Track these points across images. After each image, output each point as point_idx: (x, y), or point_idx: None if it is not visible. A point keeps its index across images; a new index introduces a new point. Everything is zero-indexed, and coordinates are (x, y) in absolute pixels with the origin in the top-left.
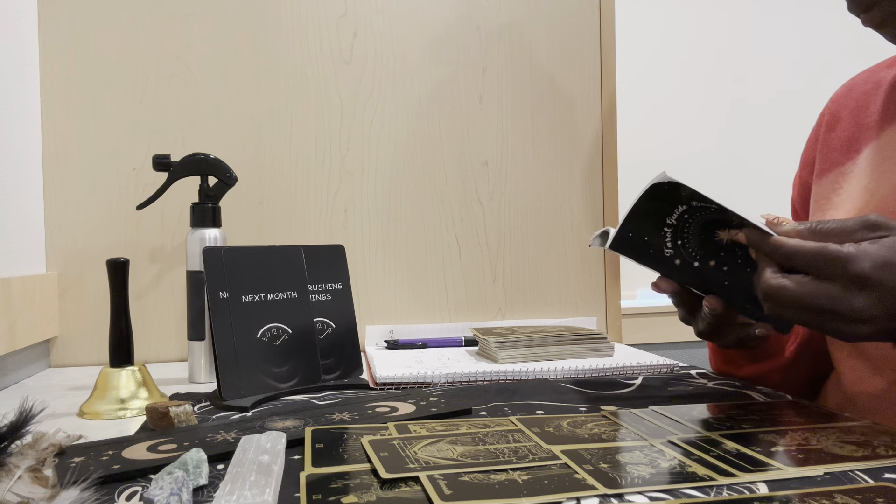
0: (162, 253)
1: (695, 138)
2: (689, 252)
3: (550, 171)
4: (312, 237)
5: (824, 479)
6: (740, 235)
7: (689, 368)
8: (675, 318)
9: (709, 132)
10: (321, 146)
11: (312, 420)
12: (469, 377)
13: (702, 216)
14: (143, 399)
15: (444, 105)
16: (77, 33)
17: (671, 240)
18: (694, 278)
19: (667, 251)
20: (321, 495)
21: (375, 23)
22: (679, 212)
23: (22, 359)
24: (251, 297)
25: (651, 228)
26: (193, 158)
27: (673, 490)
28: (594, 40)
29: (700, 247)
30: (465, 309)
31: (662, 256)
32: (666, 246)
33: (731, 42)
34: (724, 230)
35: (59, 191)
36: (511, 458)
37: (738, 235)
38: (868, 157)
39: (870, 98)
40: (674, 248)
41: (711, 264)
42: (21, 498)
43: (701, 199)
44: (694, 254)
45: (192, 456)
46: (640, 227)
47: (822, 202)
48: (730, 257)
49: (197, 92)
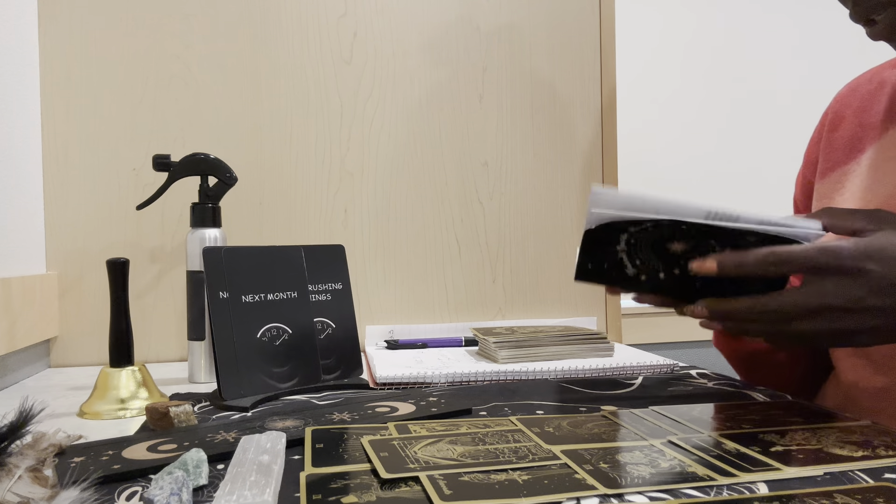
0: (162, 253)
1: (695, 139)
2: (651, 267)
3: (550, 171)
4: (312, 237)
5: (824, 479)
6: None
7: (689, 368)
8: (676, 318)
9: (709, 132)
10: (321, 146)
11: (312, 420)
12: (469, 377)
13: (645, 235)
14: (143, 399)
15: (444, 105)
16: (77, 33)
17: (629, 261)
18: (666, 288)
19: (629, 271)
20: (321, 495)
21: (375, 23)
22: (624, 238)
23: (22, 359)
24: (251, 297)
25: (606, 256)
26: (193, 158)
27: (673, 490)
28: (594, 40)
29: (658, 259)
30: (465, 309)
31: (627, 277)
32: (626, 267)
33: (731, 42)
34: (672, 243)
35: (59, 191)
36: (511, 458)
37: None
38: (871, 157)
39: (873, 98)
40: (634, 267)
41: (676, 272)
42: (21, 498)
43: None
44: (655, 267)
45: (192, 456)
46: (595, 257)
47: (824, 201)
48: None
49: (197, 92)
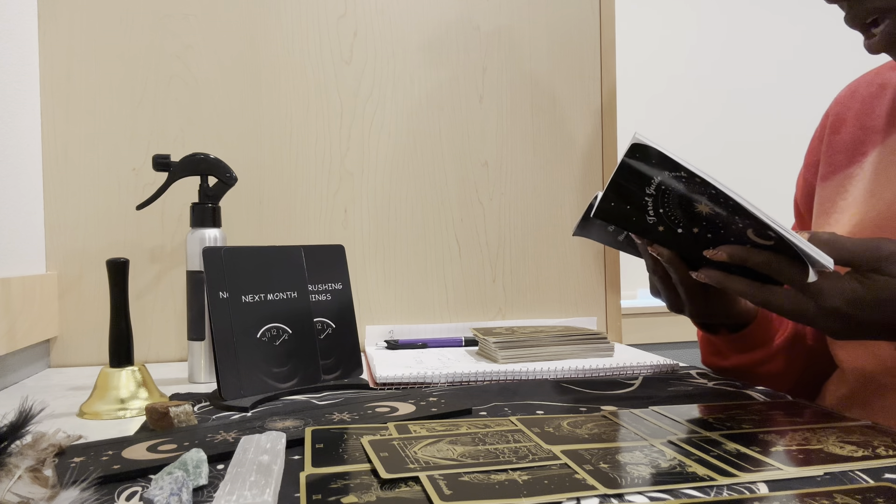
0: (162, 253)
1: (694, 138)
2: (672, 220)
3: (550, 171)
4: (312, 237)
5: (824, 479)
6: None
7: (689, 368)
8: (676, 317)
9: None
10: (321, 146)
11: (312, 420)
12: (469, 377)
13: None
14: (143, 399)
15: (444, 105)
16: (77, 33)
17: (653, 207)
18: (678, 245)
19: (649, 219)
20: (321, 495)
21: (375, 23)
22: (656, 181)
23: (22, 359)
24: (251, 297)
25: (632, 197)
26: (193, 158)
27: (673, 490)
28: (594, 40)
29: (682, 215)
30: (465, 309)
31: (646, 224)
32: (648, 214)
33: (731, 41)
34: (701, 203)
35: (59, 191)
36: (511, 458)
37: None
38: (874, 162)
39: (875, 101)
40: (656, 215)
41: (695, 231)
42: (21, 498)
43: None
44: (677, 221)
45: (192, 456)
46: (621, 195)
47: (826, 205)
48: (712, 226)
49: (197, 92)
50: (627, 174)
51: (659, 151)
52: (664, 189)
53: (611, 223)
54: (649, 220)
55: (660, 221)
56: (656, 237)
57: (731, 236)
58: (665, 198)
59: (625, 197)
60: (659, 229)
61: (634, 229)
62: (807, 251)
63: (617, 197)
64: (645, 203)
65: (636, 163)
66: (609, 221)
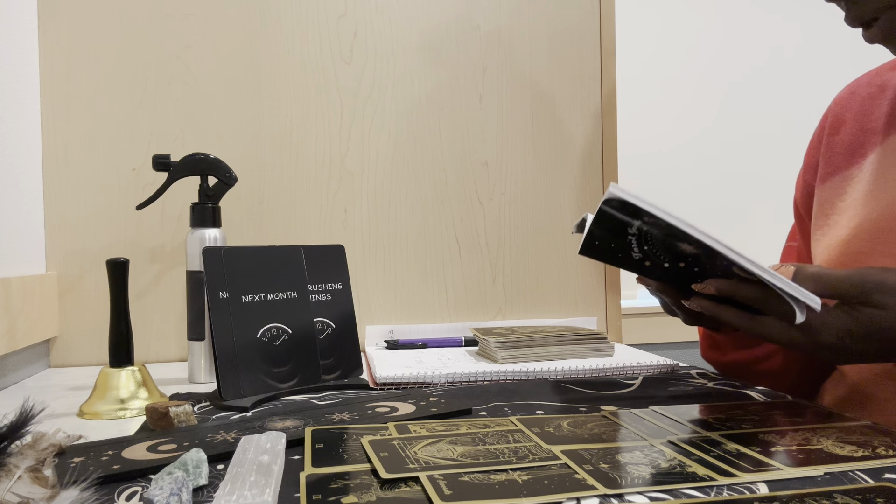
0: (162, 253)
1: (694, 139)
2: (658, 256)
3: (550, 171)
4: (312, 237)
5: (824, 479)
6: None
7: (689, 368)
8: (676, 318)
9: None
10: (321, 146)
11: (312, 420)
12: (469, 377)
13: (659, 227)
14: (143, 399)
15: (444, 105)
16: (77, 33)
17: (637, 246)
18: (668, 278)
19: (635, 255)
20: (321, 495)
21: (375, 23)
22: (636, 225)
23: (22, 359)
24: (251, 297)
25: (615, 237)
26: (193, 158)
27: (673, 490)
28: (594, 40)
29: (666, 253)
30: (465, 309)
31: (632, 260)
32: (633, 250)
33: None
34: (683, 243)
35: (59, 191)
36: (511, 458)
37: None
38: (874, 163)
39: (874, 102)
40: (641, 252)
41: (681, 266)
42: (21, 498)
43: (650, 216)
44: (662, 257)
45: (191, 456)
46: (605, 235)
47: (826, 207)
48: (697, 262)
49: (197, 92)
50: (608, 220)
51: (634, 204)
52: (645, 230)
53: (597, 259)
54: (635, 257)
55: (646, 257)
56: (644, 272)
57: (718, 270)
58: (648, 237)
59: (609, 237)
60: (646, 264)
61: (622, 265)
62: (792, 293)
63: (602, 234)
64: (629, 241)
65: (614, 211)
66: (595, 258)
